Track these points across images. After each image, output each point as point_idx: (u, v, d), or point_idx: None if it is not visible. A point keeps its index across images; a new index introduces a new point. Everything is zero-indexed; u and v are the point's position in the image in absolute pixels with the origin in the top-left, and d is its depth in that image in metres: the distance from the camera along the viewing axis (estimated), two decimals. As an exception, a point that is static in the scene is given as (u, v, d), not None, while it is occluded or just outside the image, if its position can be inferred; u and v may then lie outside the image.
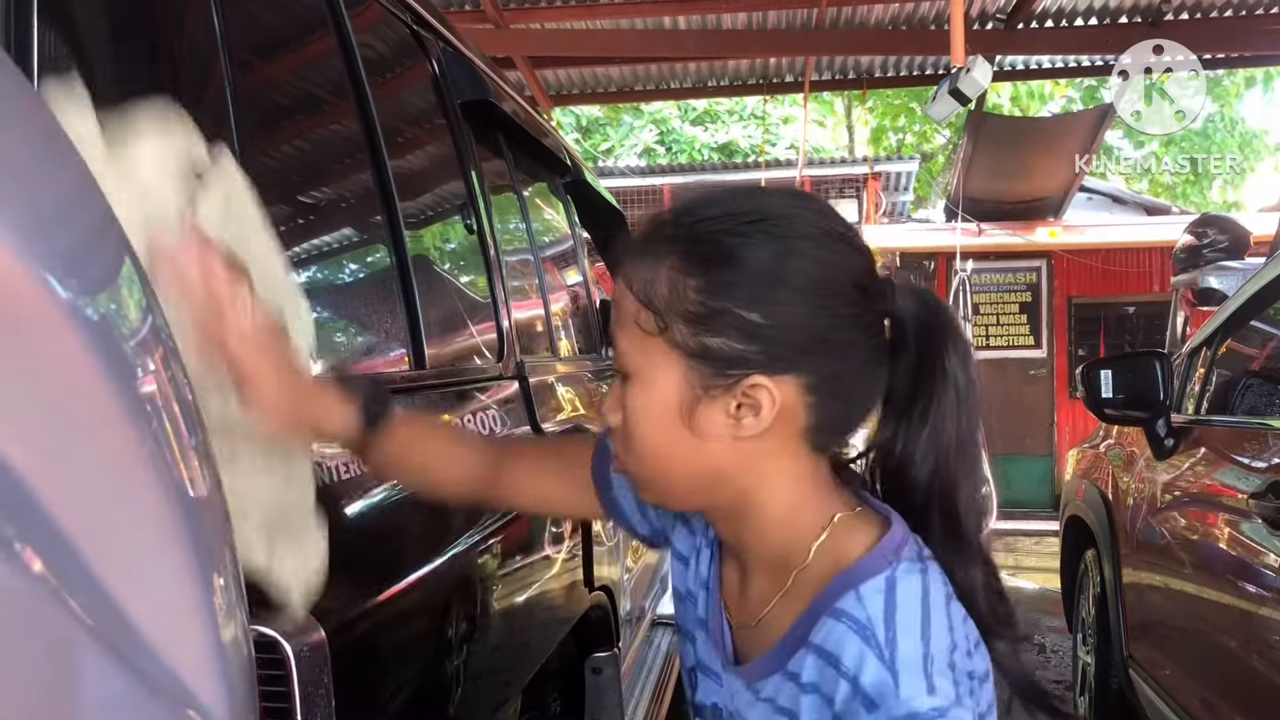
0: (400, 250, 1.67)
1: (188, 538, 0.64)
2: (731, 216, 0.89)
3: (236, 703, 0.66)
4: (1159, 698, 2.91)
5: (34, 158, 0.57)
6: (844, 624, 0.85)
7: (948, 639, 0.85)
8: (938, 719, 0.81)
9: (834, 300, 0.88)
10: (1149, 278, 9.31)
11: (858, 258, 0.91)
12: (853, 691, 0.83)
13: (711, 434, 0.89)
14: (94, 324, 0.57)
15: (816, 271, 0.88)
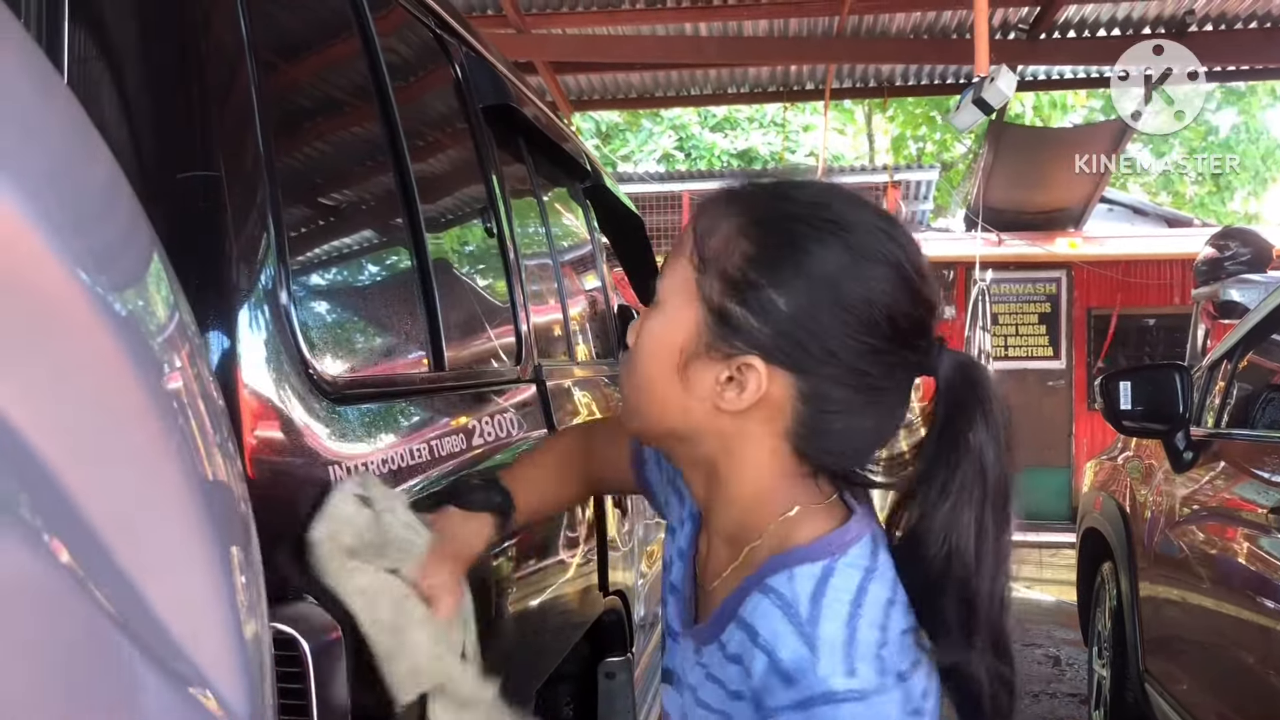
0: (421, 253, 1.68)
1: (212, 534, 0.65)
2: (818, 208, 0.89)
3: (257, 698, 0.67)
4: (1175, 712, 2.90)
5: (68, 156, 0.58)
6: (769, 599, 0.87)
7: (877, 634, 0.85)
8: (856, 701, 0.81)
9: (866, 329, 0.87)
10: (1170, 290, 9.26)
11: (914, 305, 0.90)
12: (770, 666, 0.84)
13: (697, 391, 0.91)
14: (123, 320, 0.57)
15: (864, 296, 0.87)
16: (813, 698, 0.82)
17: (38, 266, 0.50)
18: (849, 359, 0.88)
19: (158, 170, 1.09)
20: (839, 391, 0.89)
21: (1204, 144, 16.96)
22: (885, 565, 0.90)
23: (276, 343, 1.16)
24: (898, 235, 0.90)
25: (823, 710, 0.82)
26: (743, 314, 0.87)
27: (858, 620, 0.84)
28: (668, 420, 0.95)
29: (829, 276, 0.86)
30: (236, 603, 0.68)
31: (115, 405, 0.56)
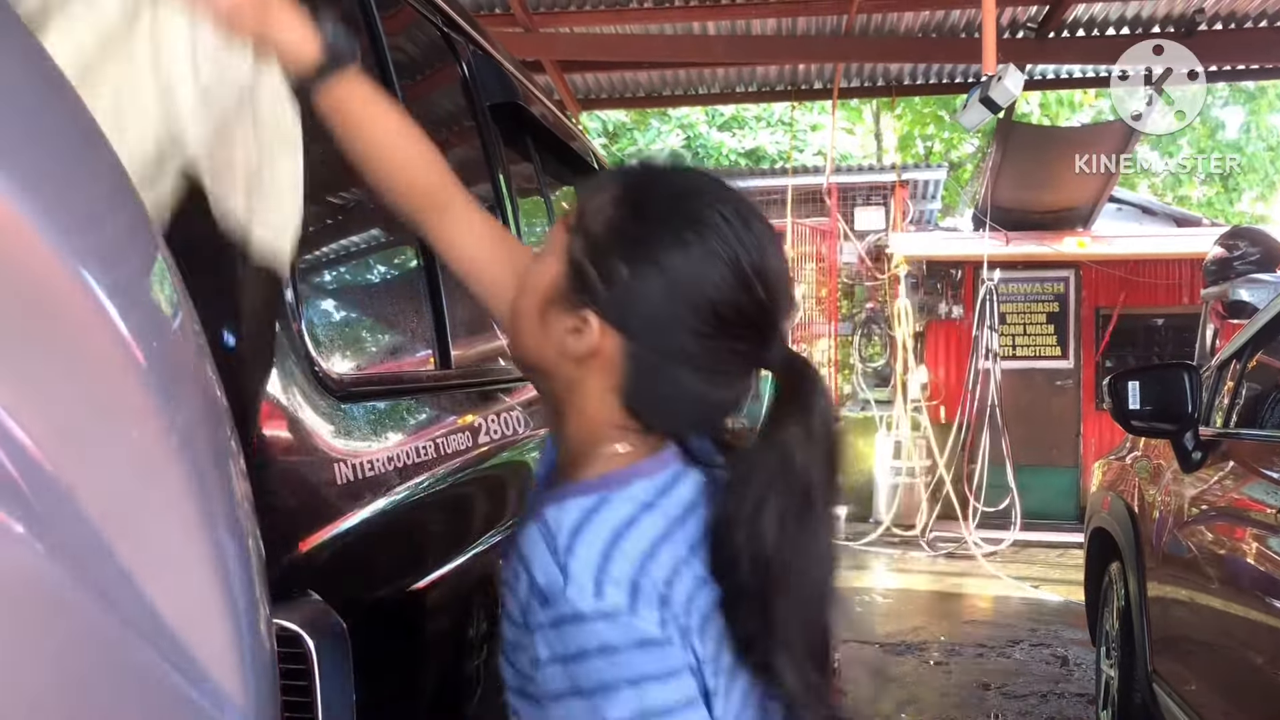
0: (427, 251, 1.68)
1: (214, 532, 0.65)
2: (678, 198, 0.98)
3: (259, 694, 0.67)
4: (1183, 713, 2.88)
5: (71, 155, 0.58)
6: (538, 528, 0.92)
7: (635, 563, 0.89)
8: (602, 620, 0.87)
9: (693, 314, 0.94)
10: (1178, 289, 9.23)
11: (746, 302, 0.95)
12: (530, 587, 0.90)
13: (550, 334, 0.99)
14: (126, 319, 0.57)
15: (693, 284, 0.94)
16: (563, 617, 0.87)
17: (41, 265, 0.50)
18: (674, 336, 0.95)
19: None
20: (664, 362, 0.96)
21: (1211, 143, 16.89)
22: (674, 507, 0.96)
23: (282, 340, 1.16)
24: (745, 238, 0.96)
25: (571, 629, 0.87)
26: (592, 274, 0.96)
27: (615, 549, 0.90)
28: (528, 353, 1.03)
29: (666, 260, 0.94)
30: (238, 600, 0.67)
31: (117, 404, 0.56)
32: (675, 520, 0.95)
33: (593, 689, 0.87)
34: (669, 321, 0.95)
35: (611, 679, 0.87)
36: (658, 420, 0.99)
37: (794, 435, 0.95)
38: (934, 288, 9.60)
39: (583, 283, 0.97)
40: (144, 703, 0.55)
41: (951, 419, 9.00)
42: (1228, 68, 8.65)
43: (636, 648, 0.87)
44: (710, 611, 0.93)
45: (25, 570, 0.48)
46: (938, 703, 4.64)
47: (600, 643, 0.87)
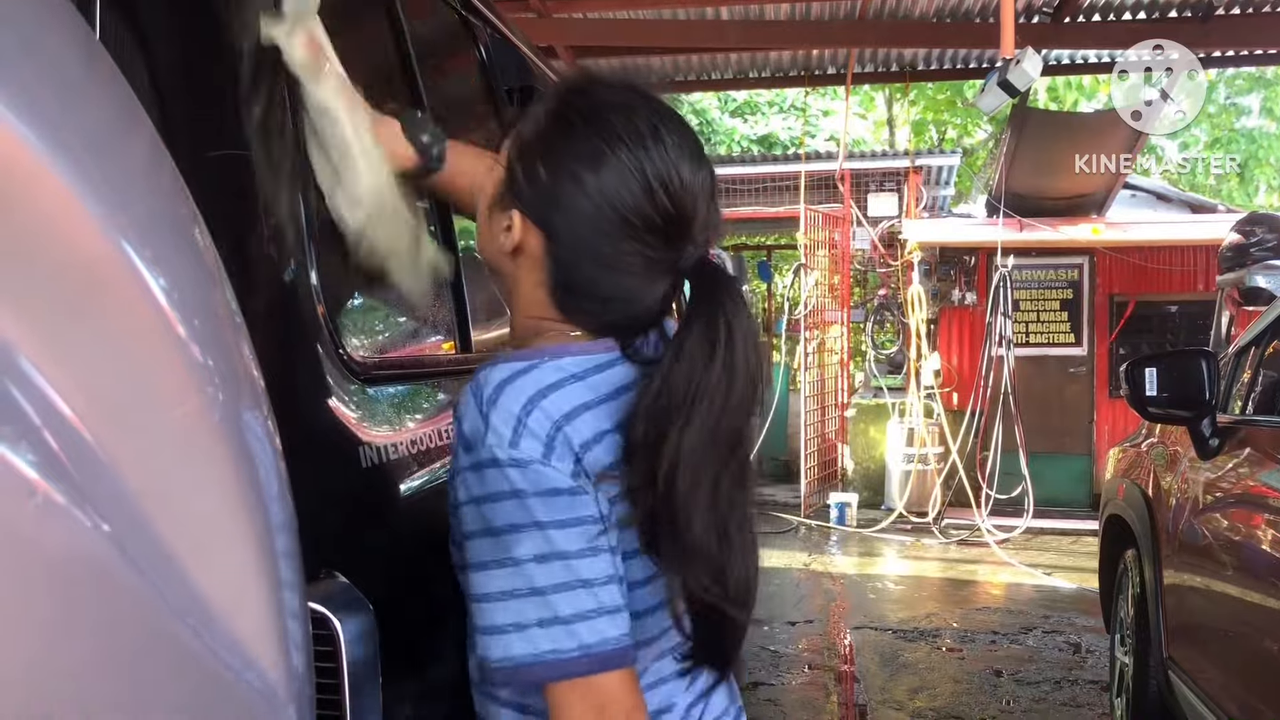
0: (448, 234, 1.68)
1: (252, 511, 0.65)
2: (599, 108, 1.07)
3: (295, 673, 0.67)
4: (1199, 701, 2.88)
5: (111, 126, 0.58)
6: (470, 384, 1.02)
7: (554, 420, 0.98)
8: (514, 467, 0.95)
9: (601, 215, 1.03)
10: (1193, 276, 9.18)
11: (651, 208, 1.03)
12: (458, 435, 0.99)
13: (493, 234, 1.10)
14: (165, 294, 0.57)
15: (600, 188, 1.02)
16: (480, 462, 0.96)
17: (86, 242, 0.50)
18: (587, 237, 1.03)
19: (188, 149, 1.09)
20: (579, 260, 1.05)
21: (1229, 133, 16.76)
22: (603, 385, 1.03)
23: (305, 322, 1.17)
24: (654, 149, 1.04)
25: (487, 473, 0.96)
26: (519, 175, 1.07)
27: (536, 405, 0.98)
28: (483, 251, 1.16)
29: (579, 167, 1.03)
30: (276, 579, 0.68)
31: (159, 381, 0.56)
32: (603, 396, 1.03)
33: (502, 528, 0.95)
34: (582, 223, 1.03)
35: (520, 520, 0.95)
36: (582, 316, 1.07)
37: (694, 339, 1.00)
38: (947, 274, 9.57)
39: (511, 184, 1.08)
40: (183, 678, 0.56)
41: (965, 406, 8.99)
42: (1245, 53, 8.60)
43: (545, 495, 0.95)
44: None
45: (68, 544, 0.49)
46: (950, 689, 4.65)
47: (511, 487, 0.95)
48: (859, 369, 10.88)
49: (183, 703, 0.55)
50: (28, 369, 0.48)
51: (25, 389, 0.47)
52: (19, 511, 0.45)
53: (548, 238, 1.06)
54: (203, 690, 0.57)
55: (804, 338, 9.50)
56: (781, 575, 6.89)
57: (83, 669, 0.48)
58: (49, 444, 0.49)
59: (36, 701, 0.46)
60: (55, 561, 0.47)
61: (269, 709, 0.62)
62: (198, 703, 0.56)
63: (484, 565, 0.96)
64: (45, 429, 0.49)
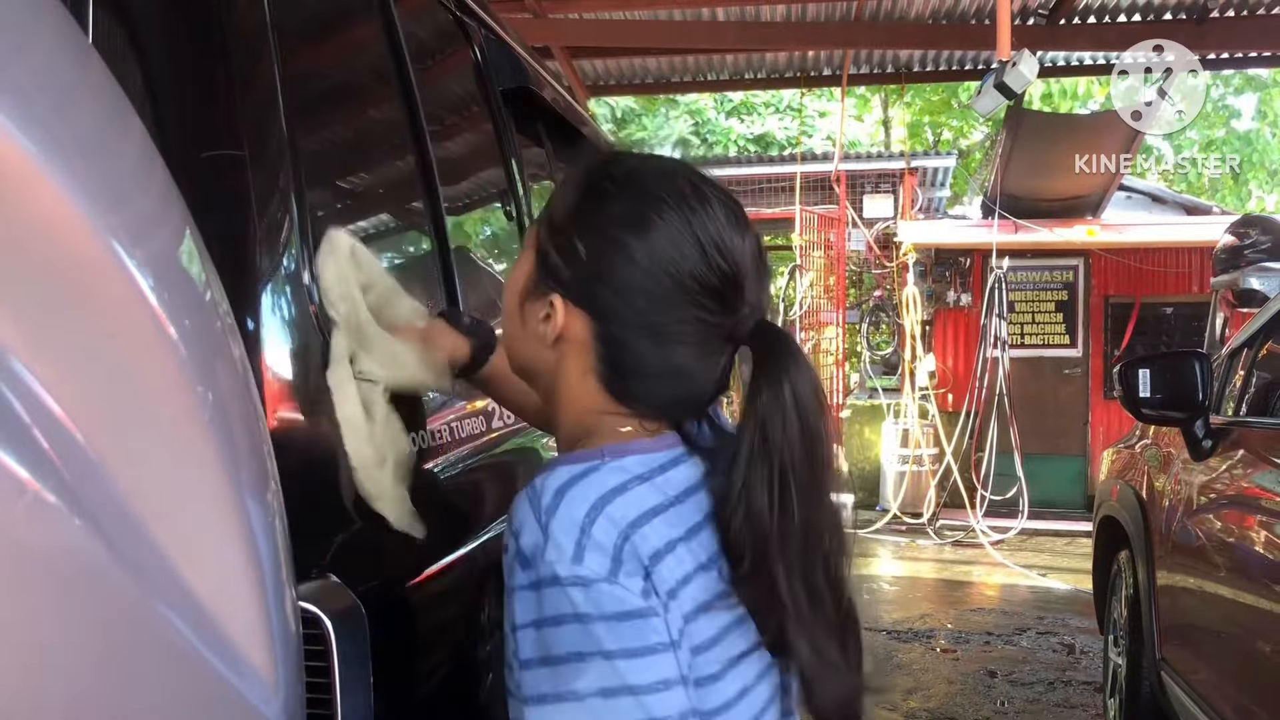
0: (441, 234, 1.68)
1: (243, 511, 0.65)
2: (633, 174, 1.00)
3: (285, 673, 0.67)
4: (1192, 701, 2.89)
5: (102, 129, 0.58)
6: (526, 491, 0.92)
7: (621, 531, 0.88)
8: (578, 587, 0.85)
9: (653, 284, 0.95)
10: (1188, 278, 9.20)
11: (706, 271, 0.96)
12: (515, 549, 0.89)
13: (529, 327, 1.02)
14: (157, 295, 0.57)
15: (650, 254, 0.95)
16: (541, 579, 0.86)
17: (76, 241, 0.50)
18: (635, 308, 0.96)
19: (182, 149, 1.09)
20: (629, 336, 0.97)
21: (1223, 133, 16.79)
22: (670, 486, 0.95)
23: (299, 321, 1.17)
24: (699, 209, 0.97)
25: (548, 592, 0.86)
26: (555, 258, 0.99)
27: (600, 513, 0.89)
28: (516, 353, 1.07)
29: (620, 233, 0.96)
30: (266, 579, 0.68)
31: (150, 381, 0.57)
32: (671, 499, 0.94)
33: (562, 658, 0.85)
34: (632, 294, 0.96)
35: (584, 648, 0.85)
36: (637, 400, 0.99)
37: (766, 406, 0.94)
38: (942, 276, 9.58)
39: (547, 269, 1.00)
40: (173, 677, 0.56)
41: (959, 407, 9.00)
42: (1239, 55, 8.61)
43: (613, 619, 0.86)
44: (711, 599, 0.93)
45: (58, 544, 0.49)
46: (944, 690, 4.65)
47: (574, 609, 0.85)
48: (854, 370, 10.89)
49: (172, 702, 0.55)
50: (18, 369, 0.48)
51: (16, 389, 0.47)
52: (9, 511, 0.45)
53: (594, 317, 0.97)
54: (192, 690, 0.58)
55: (799, 339, 9.51)
56: (776, 576, 6.89)
57: (73, 668, 0.49)
58: (39, 443, 0.49)
59: (27, 700, 0.46)
60: (45, 561, 0.47)
61: (259, 708, 0.63)
62: (187, 702, 0.56)
63: (542, 699, 0.86)
64: (35, 428, 0.49)
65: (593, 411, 1.00)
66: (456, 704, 1.37)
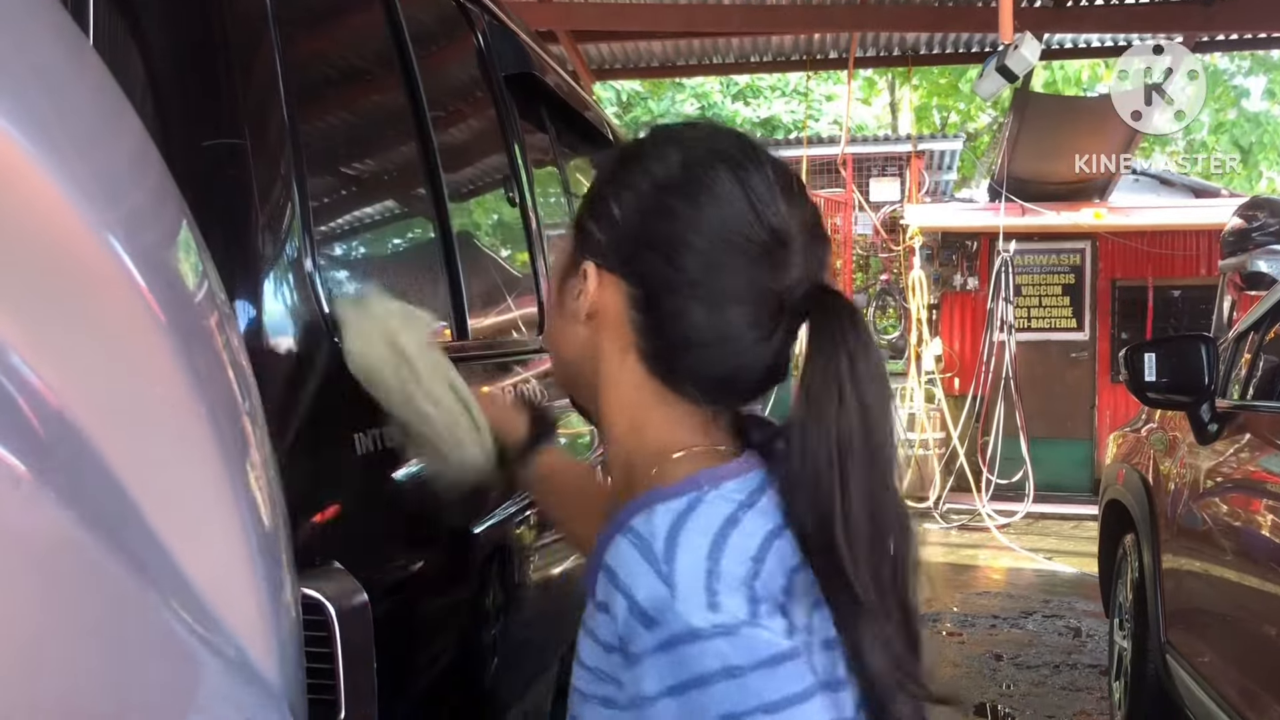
0: (444, 221, 1.68)
1: (242, 499, 0.65)
2: (672, 134, 0.95)
3: (286, 661, 0.68)
4: (1197, 685, 2.89)
5: (98, 124, 0.58)
6: (627, 539, 0.82)
7: (748, 566, 0.79)
8: (723, 637, 0.75)
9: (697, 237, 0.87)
10: (1196, 261, 9.17)
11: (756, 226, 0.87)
12: (630, 608, 0.78)
13: (567, 310, 0.94)
14: (154, 287, 0.58)
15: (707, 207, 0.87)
16: (675, 637, 0.75)
17: (70, 232, 0.50)
18: (681, 266, 0.87)
19: (183, 138, 1.10)
20: (672, 300, 0.87)
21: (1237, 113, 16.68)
22: (773, 508, 0.85)
23: (301, 309, 1.17)
24: (749, 166, 0.89)
25: (687, 650, 0.75)
26: (591, 224, 0.92)
27: (722, 552, 0.79)
28: (556, 345, 0.98)
29: (663, 191, 0.89)
30: (267, 569, 0.68)
31: (146, 371, 0.57)
32: (782, 523, 0.84)
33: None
34: (675, 253, 0.87)
35: (741, 707, 0.74)
36: (684, 378, 0.89)
37: (819, 377, 0.85)
38: (949, 259, 9.56)
39: (583, 239, 0.93)
40: (173, 665, 0.56)
41: (966, 391, 8.99)
42: (1249, 36, 8.56)
43: (767, 665, 0.75)
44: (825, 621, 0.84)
45: (56, 534, 0.49)
46: (950, 673, 4.66)
47: (725, 663, 0.74)
48: (861, 354, 10.86)
49: (171, 692, 0.55)
50: (15, 362, 0.48)
51: (11, 380, 0.47)
52: (4, 501, 0.45)
53: (631, 282, 0.89)
54: (193, 677, 0.58)
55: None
56: (782, 560, 6.90)
57: (69, 659, 0.49)
58: (35, 433, 0.49)
59: (26, 688, 0.47)
60: (41, 551, 0.47)
61: (260, 696, 0.63)
62: (186, 692, 0.57)
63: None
64: (31, 418, 0.49)
65: (641, 404, 0.90)
66: (460, 690, 1.38)
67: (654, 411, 0.90)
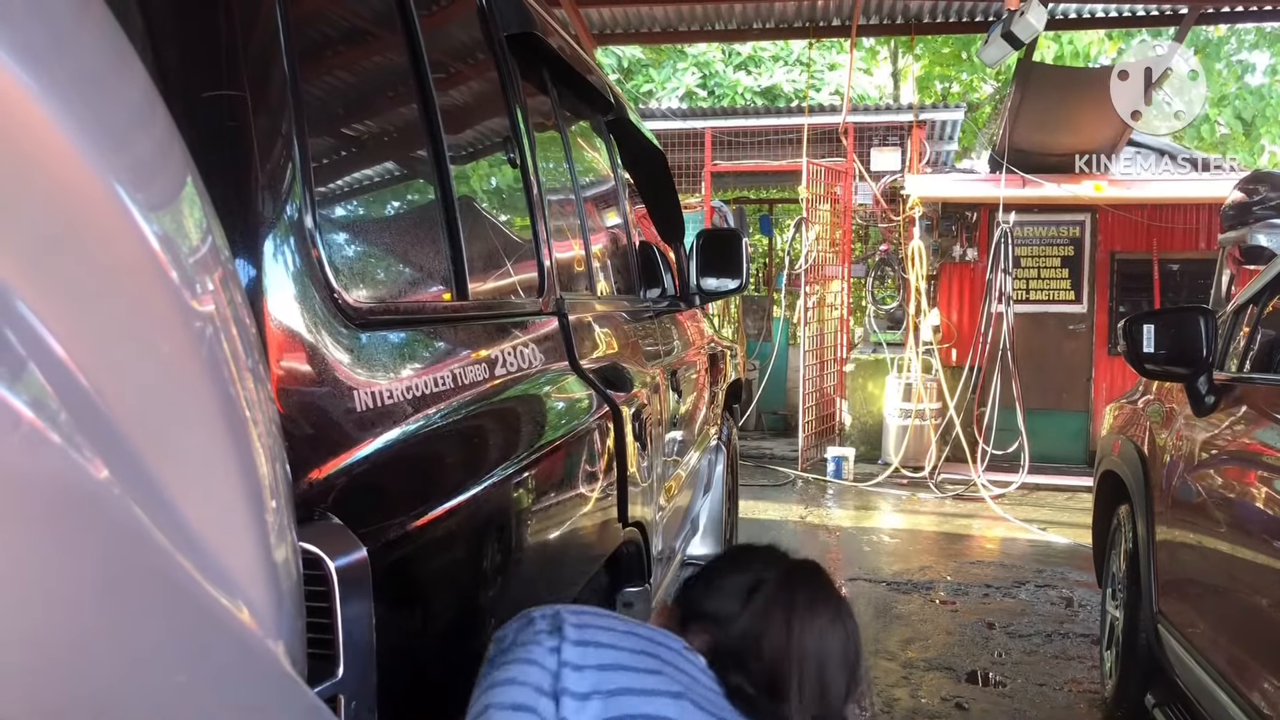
0: (445, 182, 1.67)
1: (243, 451, 0.65)
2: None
3: (285, 610, 0.68)
4: (1188, 654, 2.91)
5: (103, 69, 0.58)
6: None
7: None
8: None
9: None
10: (1196, 234, 9.15)
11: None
12: None
13: None
14: (159, 236, 0.57)
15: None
16: None
17: (76, 177, 0.50)
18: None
19: (182, 90, 1.09)
20: None
21: (1237, 88, 16.60)
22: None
23: (300, 267, 1.16)
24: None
25: None
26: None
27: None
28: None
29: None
30: (267, 516, 0.68)
31: (149, 323, 0.57)
32: None
33: None
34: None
35: None
36: None
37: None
38: (949, 230, 9.54)
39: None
40: (172, 610, 0.56)
41: (963, 362, 9.01)
42: (1254, 9, 8.50)
43: None
44: None
45: (56, 474, 0.49)
46: (943, 640, 4.69)
47: None
48: (858, 324, 10.88)
49: (170, 635, 0.55)
50: (15, 304, 0.48)
51: (12, 323, 0.47)
52: (7, 444, 0.45)
53: None
54: (191, 623, 0.58)
55: (804, 292, 9.49)
56: (778, 528, 6.94)
57: (70, 600, 0.49)
58: (35, 375, 0.49)
59: (26, 631, 0.47)
60: (41, 491, 0.47)
61: (258, 642, 0.63)
62: (185, 636, 0.57)
63: None
64: (31, 361, 0.49)
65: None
66: (458, 647, 1.38)
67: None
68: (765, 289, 13.02)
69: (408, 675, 1.19)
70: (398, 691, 1.13)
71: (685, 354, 3.68)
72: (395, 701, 1.10)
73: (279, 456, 0.76)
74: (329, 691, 0.96)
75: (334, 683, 0.96)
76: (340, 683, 0.97)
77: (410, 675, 1.20)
